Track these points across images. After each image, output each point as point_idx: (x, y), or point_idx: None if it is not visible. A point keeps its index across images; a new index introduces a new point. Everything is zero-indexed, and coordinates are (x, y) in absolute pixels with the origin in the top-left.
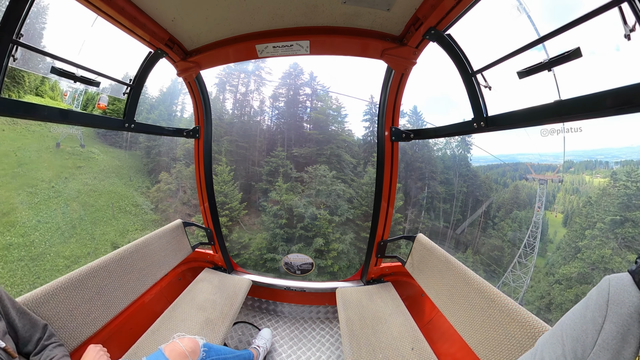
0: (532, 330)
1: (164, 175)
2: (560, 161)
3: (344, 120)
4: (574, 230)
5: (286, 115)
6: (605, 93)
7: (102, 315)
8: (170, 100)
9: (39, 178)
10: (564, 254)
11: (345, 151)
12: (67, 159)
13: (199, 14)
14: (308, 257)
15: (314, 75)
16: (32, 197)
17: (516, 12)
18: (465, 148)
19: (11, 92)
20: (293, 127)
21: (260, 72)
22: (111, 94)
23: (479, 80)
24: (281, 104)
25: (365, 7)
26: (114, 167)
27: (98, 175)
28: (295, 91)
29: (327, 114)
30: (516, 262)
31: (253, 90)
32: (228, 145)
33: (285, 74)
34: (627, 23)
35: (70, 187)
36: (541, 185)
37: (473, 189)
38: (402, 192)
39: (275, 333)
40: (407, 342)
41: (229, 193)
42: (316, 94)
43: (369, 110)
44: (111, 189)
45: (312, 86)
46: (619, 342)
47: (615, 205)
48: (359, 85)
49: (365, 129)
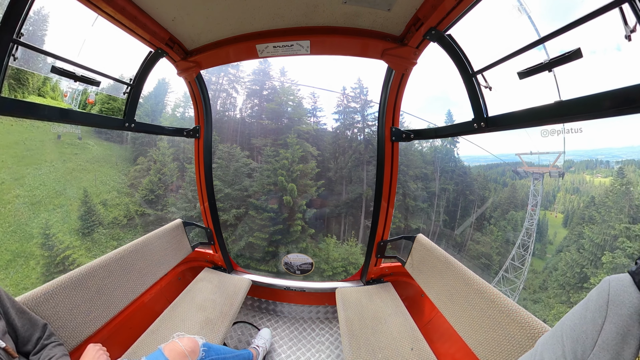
0: (531, 331)
1: (142, 159)
2: (561, 161)
3: (310, 112)
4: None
5: (250, 109)
6: (605, 94)
7: (101, 315)
8: (154, 99)
9: (43, 159)
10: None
11: (308, 141)
12: (66, 148)
13: (200, 13)
14: (308, 257)
15: (285, 71)
16: (36, 171)
17: (517, 12)
18: (450, 141)
19: (16, 92)
20: (256, 119)
21: (235, 71)
22: (109, 93)
23: (480, 81)
24: (249, 100)
25: (365, 7)
26: (105, 155)
27: (90, 159)
28: (261, 86)
29: (284, 105)
30: (509, 265)
31: (226, 88)
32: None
33: (256, 70)
34: (627, 24)
35: (66, 166)
36: (536, 181)
37: (463, 187)
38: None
39: (275, 333)
40: (407, 342)
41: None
42: (275, 89)
43: (340, 102)
44: (99, 169)
45: (281, 81)
46: (619, 343)
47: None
48: (334, 78)
49: (336, 121)
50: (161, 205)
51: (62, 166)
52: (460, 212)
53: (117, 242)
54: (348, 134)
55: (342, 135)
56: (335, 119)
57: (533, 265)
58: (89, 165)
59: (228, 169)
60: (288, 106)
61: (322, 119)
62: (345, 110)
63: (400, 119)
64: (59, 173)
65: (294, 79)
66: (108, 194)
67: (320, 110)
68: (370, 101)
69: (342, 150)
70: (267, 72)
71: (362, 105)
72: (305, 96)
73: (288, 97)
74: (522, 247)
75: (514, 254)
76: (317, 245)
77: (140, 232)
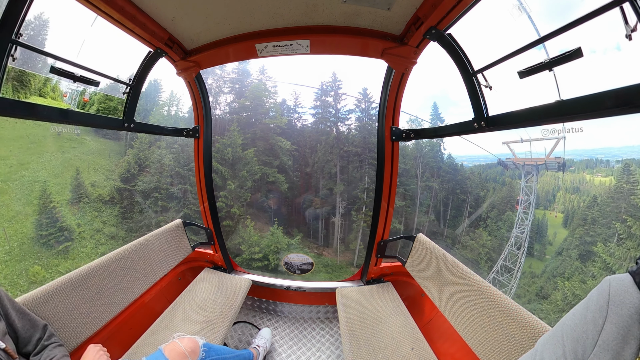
0: (532, 331)
1: (130, 151)
2: (560, 152)
3: (291, 108)
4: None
5: (227, 105)
6: (606, 93)
7: (102, 315)
8: (144, 99)
9: (44, 150)
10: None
11: (281, 135)
12: (65, 142)
13: (199, 13)
14: (308, 257)
15: (264, 69)
16: (39, 159)
17: (517, 11)
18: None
19: (19, 93)
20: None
21: (220, 72)
22: (106, 93)
23: (480, 80)
24: (229, 99)
25: (365, 7)
26: (100, 150)
27: (86, 152)
28: (242, 84)
29: (257, 101)
30: (501, 267)
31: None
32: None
33: (235, 69)
34: (628, 23)
35: (64, 156)
36: (529, 175)
37: (453, 185)
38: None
39: (275, 333)
40: (407, 342)
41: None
42: (245, 86)
43: (318, 97)
44: (93, 159)
45: (260, 79)
46: (619, 343)
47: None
48: (314, 75)
49: (313, 116)
50: (134, 182)
51: (61, 156)
52: (451, 213)
53: (97, 212)
54: (321, 127)
55: (316, 129)
56: (311, 114)
57: (532, 268)
58: (84, 157)
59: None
60: (262, 102)
61: (303, 115)
62: (322, 104)
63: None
64: (58, 161)
65: (272, 76)
66: (97, 177)
67: (301, 107)
68: (344, 94)
69: (314, 144)
70: (247, 70)
71: (334, 99)
72: (282, 92)
73: (263, 93)
74: (510, 261)
75: (499, 269)
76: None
77: (117, 206)
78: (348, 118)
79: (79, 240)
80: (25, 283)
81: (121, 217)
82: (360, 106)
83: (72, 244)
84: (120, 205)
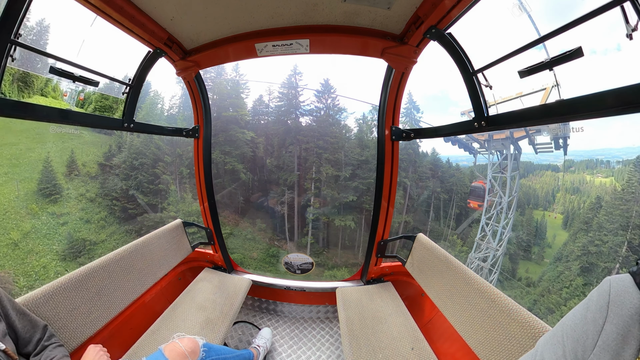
0: (532, 331)
1: (115, 138)
2: (561, 160)
3: (257, 103)
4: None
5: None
6: (606, 93)
7: (102, 316)
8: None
9: (47, 140)
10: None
11: (246, 127)
12: (65, 134)
13: (198, 13)
14: (308, 256)
15: (238, 66)
16: (42, 145)
17: (517, 11)
18: (407, 122)
19: (24, 93)
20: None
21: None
22: (102, 92)
23: (480, 80)
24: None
25: (365, 6)
26: (94, 141)
27: (82, 143)
28: (213, 82)
29: (226, 99)
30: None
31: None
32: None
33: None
34: (629, 22)
35: (64, 145)
36: (495, 151)
37: (433, 183)
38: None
39: (276, 332)
40: (407, 342)
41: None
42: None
43: (282, 91)
44: (88, 149)
45: (232, 77)
46: (620, 344)
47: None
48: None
49: (279, 108)
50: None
51: (61, 145)
52: (432, 213)
53: (83, 183)
54: (284, 119)
55: (279, 121)
56: (277, 105)
57: (529, 272)
58: (80, 145)
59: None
60: (229, 97)
61: (276, 109)
62: (286, 99)
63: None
64: (59, 147)
65: (243, 73)
66: (87, 159)
67: (274, 102)
68: (305, 86)
69: (274, 135)
70: (223, 67)
71: (295, 92)
72: (253, 89)
73: (225, 88)
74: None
75: (482, 225)
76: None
77: (99, 179)
78: (309, 112)
79: (66, 199)
80: (25, 214)
81: (100, 186)
82: (320, 98)
83: (59, 197)
84: (101, 177)
